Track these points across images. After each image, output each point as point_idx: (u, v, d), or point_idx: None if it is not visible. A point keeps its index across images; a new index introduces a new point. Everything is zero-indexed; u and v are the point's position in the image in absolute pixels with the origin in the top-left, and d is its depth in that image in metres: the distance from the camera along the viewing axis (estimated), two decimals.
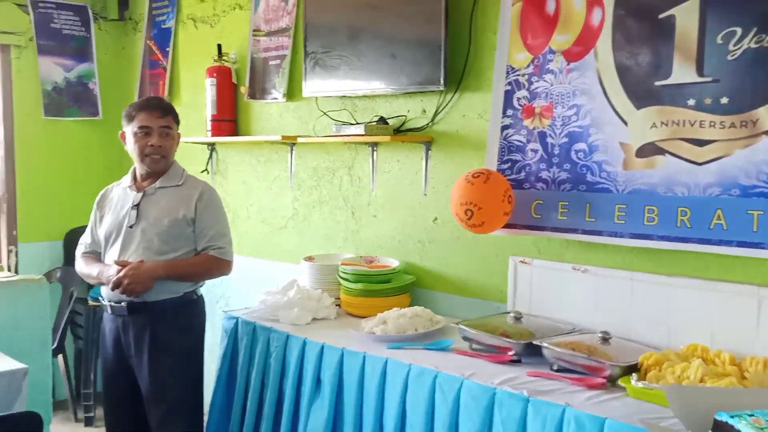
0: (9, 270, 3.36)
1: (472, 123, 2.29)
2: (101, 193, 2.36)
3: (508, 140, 2.17)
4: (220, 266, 2.26)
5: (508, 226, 2.11)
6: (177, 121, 2.29)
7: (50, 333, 2.74)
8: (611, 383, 1.64)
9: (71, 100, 3.55)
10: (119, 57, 3.75)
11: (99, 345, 2.56)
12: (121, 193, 2.30)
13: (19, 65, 3.44)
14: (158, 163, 2.23)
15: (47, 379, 2.71)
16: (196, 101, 3.24)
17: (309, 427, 2.02)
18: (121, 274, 2.09)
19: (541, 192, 2.09)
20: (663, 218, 1.82)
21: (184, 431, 2.22)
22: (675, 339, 1.81)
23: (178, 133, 2.31)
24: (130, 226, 2.20)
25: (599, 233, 1.95)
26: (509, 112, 2.17)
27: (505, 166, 2.17)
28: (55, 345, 3.37)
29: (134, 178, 2.31)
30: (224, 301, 3.17)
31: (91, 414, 3.47)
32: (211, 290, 3.23)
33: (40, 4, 3.45)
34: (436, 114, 2.36)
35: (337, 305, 2.43)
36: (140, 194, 2.24)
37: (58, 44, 3.49)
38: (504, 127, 2.18)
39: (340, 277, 2.43)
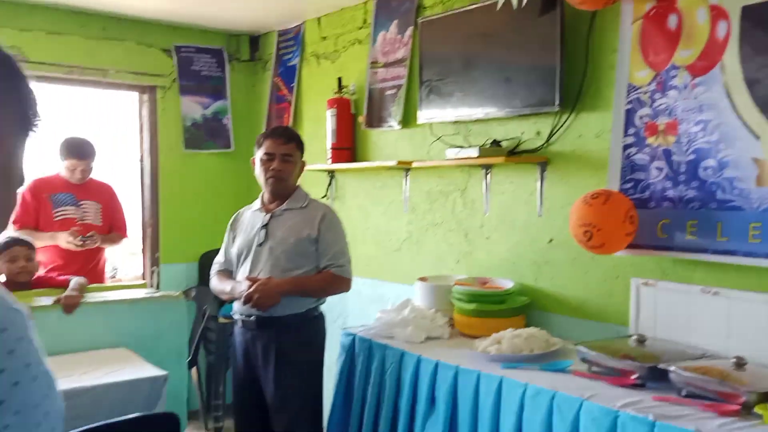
0: (152, 287, 3.71)
1: (589, 143, 2.26)
2: (234, 216, 2.58)
3: (630, 159, 2.12)
4: (340, 283, 2.38)
5: (631, 246, 2.05)
6: (300, 149, 2.46)
7: (186, 346, 2.98)
8: (746, 411, 1.54)
9: (207, 134, 3.90)
10: (250, 94, 4.08)
11: (229, 359, 2.76)
12: (251, 216, 2.50)
13: (164, 104, 3.83)
14: (278, 185, 2.40)
15: (182, 389, 2.94)
16: (317, 131, 3.45)
17: None
18: (251, 289, 2.25)
19: (667, 211, 2.01)
20: None
21: None
22: None
23: (303, 161, 2.48)
24: (260, 245, 2.38)
25: (733, 253, 1.84)
26: (631, 130, 2.12)
27: (628, 185, 2.12)
28: (189, 358, 3.65)
29: (263, 201, 2.50)
30: (342, 319, 3.28)
31: (221, 424, 3.70)
32: (330, 309, 3.36)
33: (182, 49, 3.84)
34: (551, 135, 2.36)
35: (450, 325, 2.46)
36: (268, 215, 2.42)
37: (197, 84, 3.86)
38: (626, 146, 2.13)
39: (454, 297, 2.45)
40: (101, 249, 3.30)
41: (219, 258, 2.56)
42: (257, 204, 2.52)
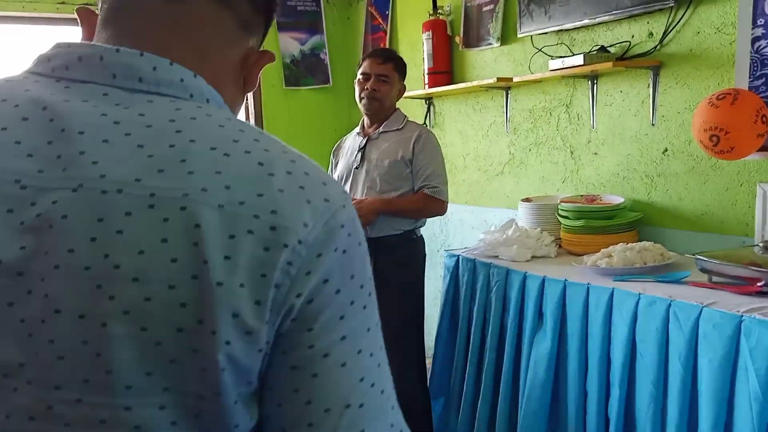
0: None
1: (709, 40, 2.06)
2: (337, 143, 2.66)
3: (760, 53, 1.91)
4: (434, 205, 2.40)
5: (763, 149, 1.88)
6: (399, 71, 2.44)
7: None
8: None
9: (306, 70, 3.95)
10: (345, 26, 4.07)
11: None
12: (351, 140, 2.56)
13: (264, 42, 3.91)
14: (372, 105, 2.42)
15: None
16: (414, 58, 3.39)
17: (532, 359, 2.04)
18: None
19: None
20: None
21: (407, 358, 2.37)
22: None
23: (402, 83, 2.48)
24: (356, 168, 2.44)
25: None
26: (760, 21, 1.91)
27: (759, 82, 1.92)
28: None
29: (362, 125, 2.54)
30: (446, 248, 3.30)
31: None
32: (432, 238, 3.40)
33: None
34: (664, 35, 2.17)
35: (557, 245, 2.40)
36: (365, 139, 2.47)
37: (294, 20, 3.90)
38: (755, 39, 1.92)
39: (560, 215, 2.38)
40: None
41: None
42: (357, 129, 2.57)
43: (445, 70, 3.11)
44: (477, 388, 2.27)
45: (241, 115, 3.64)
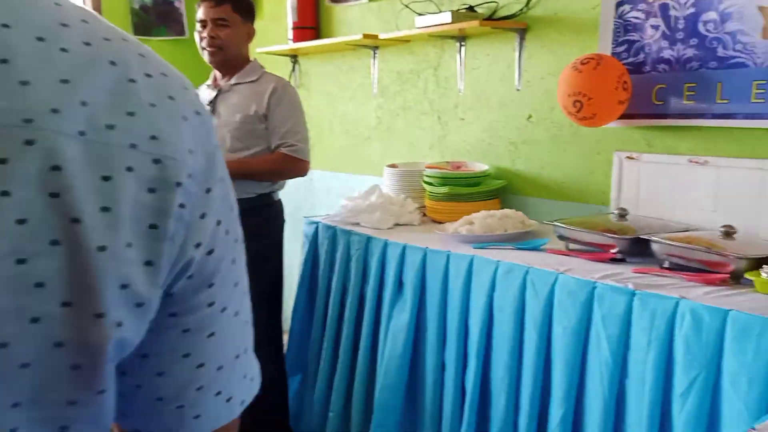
0: None
1: (574, 3, 2.02)
2: None
3: (623, 18, 1.89)
4: (293, 165, 2.18)
5: (624, 116, 1.87)
6: (240, 11, 2.16)
7: None
8: (735, 281, 1.41)
9: (158, 18, 3.55)
10: None
11: None
12: (202, 93, 2.27)
13: None
14: (216, 55, 2.15)
15: None
16: (278, 11, 3.14)
17: (390, 330, 1.93)
18: None
19: (663, 75, 1.81)
20: None
21: (261, 333, 2.17)
22: None
23: (248, 25, 2.21)
24: None
25: (732, 116, 1.67)
26: None
27: (621, 48, 1.90)
28: None
29: (214, 78, 2.27)
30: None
31: None
32: (296, 207, 3.20)
33: None
34: None
35: (422, 213, 2.30)
36: (215, 92, 2.20)
37: None
38: (619, 4, 1.90)
39: (424, 182, 2.28)
40: None
41: None
42: (209, 80, 2.29)
43: (311, 25, 2.90)
44: (334, 363, 2.14)
45: None
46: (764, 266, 1.35)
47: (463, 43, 2.34)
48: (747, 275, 1.37)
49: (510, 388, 1.60)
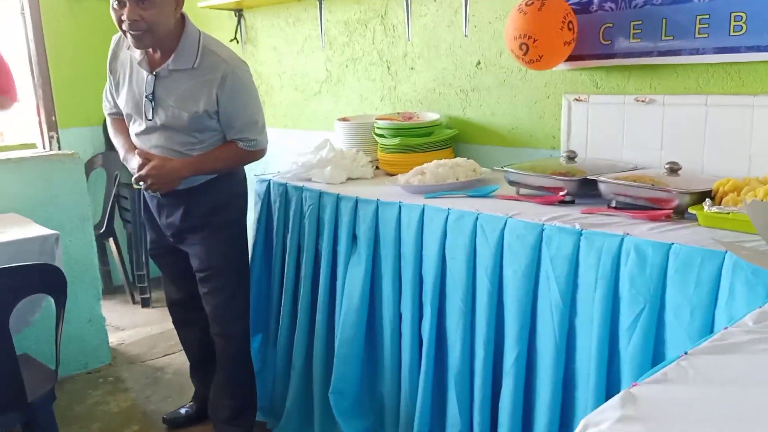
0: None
1: None
2: (111, 49, 2.03)
3: None
4: (251, 156, 2.03)
5: (572, 58, 1.85)
6: None
7: (89, 209, 2.71)
8: (678, 216, 1.43)
9: None
10: None
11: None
12: (134, 66, 1.97)
13: None
14: (142, 39, 1.81)
15: (92, 254, 2.73)
16: None
17: (347, 285, 1.92)
18: (143, 171, 1.90)
19: (609, 13, 1.79)
20: (753, 25, 1.52)
21: (231, 298, 2.11)
22: (757, 169, 1.56)
23: None
24: (149, 119, 1.94)
25: (677, 53, 1.67)
26: None
27: None
28: (103, 230, 3.40)
29: (146, 51, 1.93)
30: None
31: (147, 296, 3.54)
32: (250, 168, 3.13)
33: None
34: None
35: (375, 167, 2.27)
36: (153, 78, 1.91)
37: None
38: None
39: (376, 134, 2.25)
40: None
41: (106, 96, 2.12)
42: (138, 53, 1.91)
43: None
44: (294, 321, 2.13)
45: (18, 26, 2.77)
46: (707, 200, 1.37)
47: None
48: (690, 209, 1.38)
49: (465, 333, 1.61)
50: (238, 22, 3.03)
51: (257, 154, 2.05)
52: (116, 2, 1.79)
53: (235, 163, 2.05)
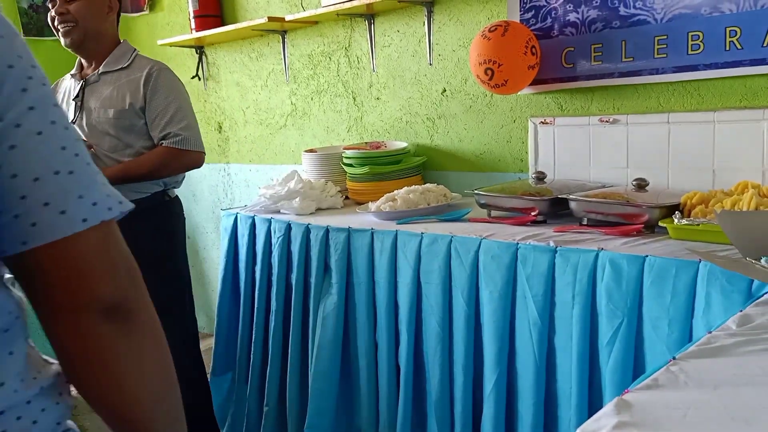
0: None
1: None
2: (53, 86, 2.05)
3: None
4: (181, 158, 1.92)
5: (537, 82, 1.88)
6: None
7: None
8: (649, 230, 1.44)
9: None
10: None
11: None
12: (69, 83, 2.00)
13: None
14: (70, 34, 1.84)
15: None
16: (179, 3, 3.00)
17: (320, 316, 1.87)
18: None
19: (570, 38, 1.84)
20: (709, 43, 1.57)
21: (174, 334, 2.01)
22: (720, 182, 1.59)
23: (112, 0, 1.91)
24: (73, 122, 1.89)
25: (638, 73, 1.71)
26: None
27: (529, 15, 1.92)
28: None
29: (79, 66, 1.99)
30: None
31: None
32: (215, 203, 3.08)
33: None
34: None
35: (345, 197, 2.25)
36: (82, 83, 1.91)
37: None
38: None
39: (344, 164, 2.23)
40: None
41: None
42: (74, 69, 1.99)
43: (213, 13, 2.78)
44: (265, 357, 2.06)
45: None
46: (676, 213, 1.39)
47: (372, 21, 2.31)
48: (661, 223, 1.40)
49: (443, 359, 1.58)
50: (200, 59, 3.02)
51: (189, 155, 1.93)
52: (50, 4, 1.85)
53: (162, 164, 1.90)
